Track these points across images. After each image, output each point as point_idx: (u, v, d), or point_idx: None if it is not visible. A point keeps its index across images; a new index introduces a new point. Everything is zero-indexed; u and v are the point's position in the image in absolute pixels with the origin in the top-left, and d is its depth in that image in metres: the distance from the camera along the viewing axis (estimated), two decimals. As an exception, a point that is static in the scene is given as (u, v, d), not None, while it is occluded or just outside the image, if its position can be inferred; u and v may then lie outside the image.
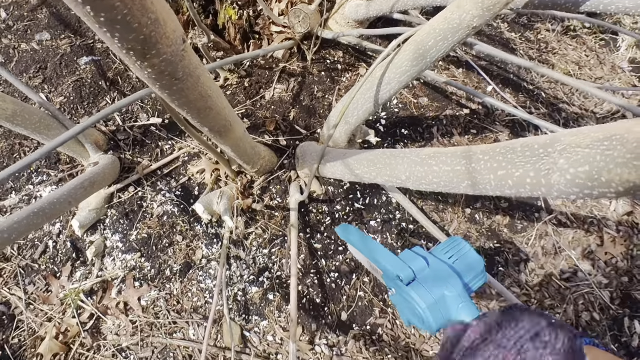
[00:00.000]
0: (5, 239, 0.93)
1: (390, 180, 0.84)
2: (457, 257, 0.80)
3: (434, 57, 0.87)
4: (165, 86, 0.58)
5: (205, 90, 0.68)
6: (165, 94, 0.61)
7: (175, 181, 1.41)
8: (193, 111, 0.72)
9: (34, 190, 1.44)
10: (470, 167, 0.61)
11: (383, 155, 0.88)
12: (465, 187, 0.63)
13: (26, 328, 1.27)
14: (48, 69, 1.62)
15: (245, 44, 1.61)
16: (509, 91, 1.64)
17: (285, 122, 1.47)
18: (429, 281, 0.73)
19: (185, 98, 0.65)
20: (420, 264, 0.76)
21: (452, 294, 0.71)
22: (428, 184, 0.72)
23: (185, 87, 0.61)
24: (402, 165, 0.79)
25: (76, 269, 1.33)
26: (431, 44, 0.83)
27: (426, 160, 0.72)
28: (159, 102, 1.54)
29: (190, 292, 1.28)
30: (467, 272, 0.77)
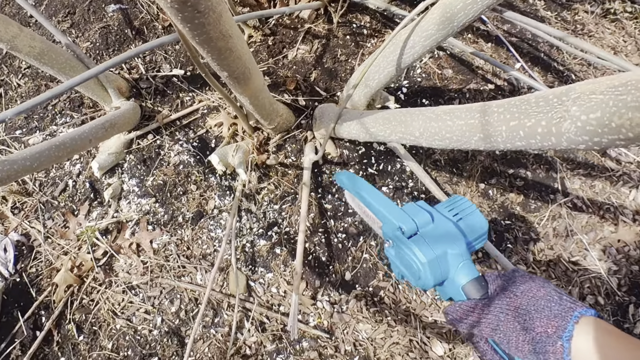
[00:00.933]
0: (28, 167, 0.98)
1: (403, 137, 0.85)
2: (462, 216, 0.79)
3: (461, 22, 0.85)
4: (187, 18, 0.58)
5: (227, 29, 0.68)
6: (187, 27, 0.61)
7: (193, 132, 1.45)
8: (213, 51, 0.72)
9: (57, 130, 1.49)
10: (483, 119, 0.61)
11: (398, 112, 0.89)
12: (477, 141, 0.64)
13: (43, 259, 1.34)
14: (76, 14, 1.65)
15: (272, 1, 1.61)
16: (537, 70, 1.61)
17: (306, 82, 1.48)
18: (432, 237, 0.72)
19: (206, 35, 0.65)
20: (424, 217, 0.74)
21: (454, 252, 0.70)
22: (440, 140, 0.73)
23: (207, 22, 0.61)
24: (416, 121, 0.79)
25: (93, 209, 1.39)
26: (459, 7, 0.81)
27: (440, 116, 0.73)
28: (182, 53, 1.56)
29: (200, 240, 1.33)
30: (470, 232, 0.76)
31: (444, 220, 0.75)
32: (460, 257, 0.70)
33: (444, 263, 0.69)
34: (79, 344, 1.27)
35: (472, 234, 0.76)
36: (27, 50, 1.14)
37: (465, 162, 1.43)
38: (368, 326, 1.27)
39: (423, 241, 0.70)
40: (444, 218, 0.76)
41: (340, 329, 1.27)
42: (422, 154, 1.42)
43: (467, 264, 0.69)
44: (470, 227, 0.76)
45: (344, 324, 1.27)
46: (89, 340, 1.27)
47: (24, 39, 1.12)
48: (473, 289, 0.66)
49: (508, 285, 0.63)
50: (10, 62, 1.63)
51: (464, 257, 0.70)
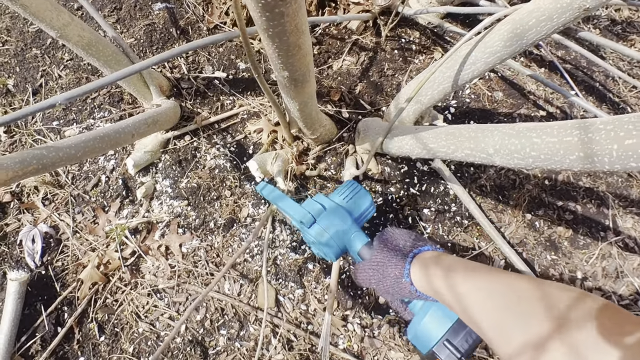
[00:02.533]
0: (72, 155, 1.00)
1: (472, 154, 0.83)
2: (350, 197, 1.00)
3: (532, 39, 0.83)
4: (269, 6, 0.56)
5: (302, 23, 0.67)
6: (265, 17, 0.60)
7: (231, 137, 1.45)
8: (283, 46, 0.70)
9: (94, 124, 1.51)
10: (585, 137, 0.58)
11: (467, 128, 0.87)
12: (574, 160, 0.61)
13: (70, 254, 1.34)
14: (122, 10, 1.69)
15: (320, 10, 1.62)
16: (591, 100, 1.57)
17: (350, 94, 1.47)
18: (325, 222, 0.91)
19: (282, 26, 0.63)
20: (317, 208, 0.94)
21: (343, 228, 0.89)
22: (522, 158, 0.70)
23: (287, 12, 0.60)
24: (490, 137, 0.77)
25: (124, 206, 1.39)
26: (532, 23, 0.80)
27: (523, 132, 0.70)
28: (225, 56, 1.58)
29: (230, 248, 1.32)
30: (357, 208, 0.98)
31: (334, 206, 0.95)
32: (350, 230, 0.90)
33: (338, 238, 0.89)
34: (100, 344, 1.25)
35: (358, 209, 0.98)
36: (76, 40, 1.16)
37: (513, 190, 1.40)
38: (400, 355, 1.23)
39: (319, 227, 0.90)
40: (333, 204, 0.96)
41: (370, 354, 1.23)
42: (467, 178, 1.39)
43: (357, 235, 0.89)
44: (357, 205, 0.98)
45: (375, 349, 1.23)
46: (110, 341, 1.26)
47: (74, 28, 1.14)
48: (365, 253, 0.84)
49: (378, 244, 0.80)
50: (53, 53, 1.67)
51: (352, 230, 0.90)
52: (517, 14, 0.83)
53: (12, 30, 1.74)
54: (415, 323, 0.73)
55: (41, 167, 0.95)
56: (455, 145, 0.88)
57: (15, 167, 0.91)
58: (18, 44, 1.70)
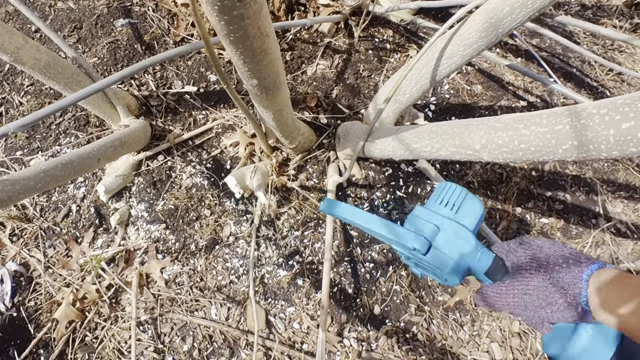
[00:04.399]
0: (31, 187, 0.93)
1: (458, 151, 0.80)
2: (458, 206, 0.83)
3: (508, 27, 0.81)
4: (226, 8, 0.51)
5: (265, 26, 0.62)
6: (224, 21, 0.55)
7: (207, 153, 1.40)
8: (247, 52, 0.66)
9: (60, 150, 1.45)
10: (577, 123, 0.55)
11: (449, 125, 0.84)
12: (568, 150, 0.58)
13: (43, 292, 1.28)
14: (83, 29, 1.64)
15: (290, 15, 1.59)
16: (570, 86, 1.58)
17: (327, 99, 1.45)
18: (445, 245, 0.78)
19: (243, 30, 0.58)
20: (430, 229, 0.80)
21: (468, 249, 0.77)
22: (511, 152, 0.68)
23: (247, 14, 0.55)
24: (476, 132, 0.74)
25: (98, 236, 1.33)
26: (506, 11, 0.77)
27: (510, 125, 0.67)
28: (194, 69, 1.54)
29: (214, 270, 1.27)
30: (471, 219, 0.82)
31: (448, 223, 0.80)
32: (475, 251, 0.76)
33: (463, 262, 0.76)
34: (81, 387, 1.19)
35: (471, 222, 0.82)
36: (32, 63, 1.10)
37: (500, 184, 1.39)
38: (400, 366, 1.19)
39: (439, 253, 0.77)
40: (446, 220, 0.81)
41: (369, 369, 1.19)
42: (453, 175, 1.38)
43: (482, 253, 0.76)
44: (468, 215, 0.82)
45: (374, 364, 1.20)
46: (92, 383, 1.20)
47: (29, 51, 1.08)
48: (495, 272, 0.74)
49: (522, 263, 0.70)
50: (12, 79, 1.60)
51: (478, 249, 0.77)
52: (490, 3, 0.81)
53: (-34, 59, 1.67)
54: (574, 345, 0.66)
55: None
56: (439, 143, 0.86)
57: None
58: (-27, 72, 1.63)
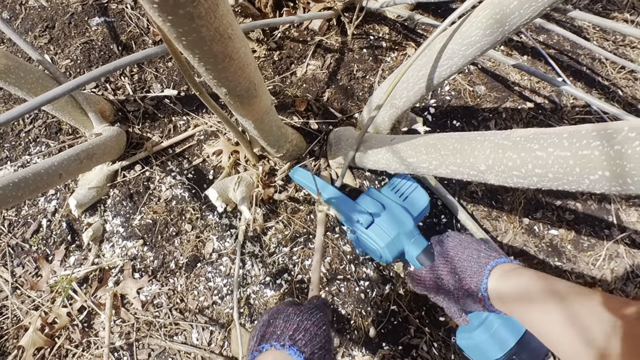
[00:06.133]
0: None
1: (459, 170, 0.73)
2: (407, 195, 1.01)
3: (515, 24, 0.72)
4: (167, 5, 0.42)
5: (225, 27, 0.52)
6: (169, 21, 0.45)
7: (188, 162, 1.34)
8: (206, 57, 0.57)
9: (30, 160, 1.39)
10: (610, 150, 0.46)
11: (449, 138, 0.77)
12: (597, 181, 0.48)
13: (10, 315, 1.21)
14: (55, 28, 1.57)
15: (278, 11, 1.53)
16: (580, 85, 1.51)
17: (318, 102, 1.38)
18: (385, 222, 0.92)
19: (196, 33, 0.49)
20: (376, 207, 0.95)
21: (405, 231, 0.91)
22: (523, 176, 0.59)
23: (196, 14, 0.45)
24: (480, 150, 0.67)
25: (70, 253, 1.26)
26: (514, 5, 0.69)
27: (521, 144, 0.59)
28: (175, 71, 1.47)
29: (196, 290, 1.20)
30: (415, 208, 0.99)
31: (393, 205, 0.96)
32: (411, 234, 0.91)
33: (399, 241, 0.90)
34: (50, 421, 1.12)
35: (416, 209, 0.99)
36: None
37: (506, 193, 1.32)
38: (399, 394, 1.13)
39: (379, 229, 0.91)
40: (393, 203, 0.97)
41: (365, 398, 1.13)
42: (455, 185, 1.31)
43: (417, 239, 0.91)
44: (414, 204, 1.00)
45: (370, 392, 1.13)
46: (62, 417, 1.13)
47: None
48: (424, 258, 0.86)
49: (443, 251, 0.81)
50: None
51: (414, 233, 0.92)
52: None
53: None
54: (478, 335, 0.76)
55: None
56: (438, 160, 0.79)
57: None
58: (-62, 75, 1.56)
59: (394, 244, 0.90)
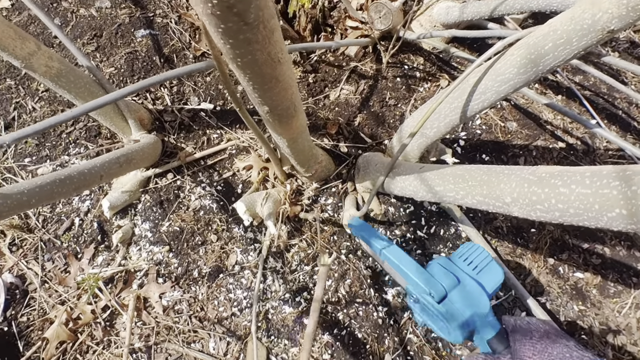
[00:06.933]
0: (24, 202, 0.96)
1: (485, 201, 0.83)
2: (480, 268, 0.98)
3: (549, 65, 0.81)
4: (231, 31, 0.52)
5: (276, 52, 0.63)
6: (229, 45, 0.56)
7: (218, 174, 1.47)
8: (256, 78, 0.68)
9: (69, 160, 1.54)
10: (628, 190, 0.55)
11: (478, 170, 0.88)
12: (614, 218, 0.58)
13: (37, 307, 1.34)
14: (103, 37, 1.76)
15: (315, 36, 1.68)
16: (614, 129, 1.60)
17: (349, 127, 1.51)
18: (460, 299, 0.89)
19: (251, 55, 0.59)
20: (450, 280, 0.92)
21: (482, 312, 0.88)
22: (546, 210, 0.69)
23: (254, 39, 0.55)
24: (507, 183, 0.77)
25: (99, 253, 1.40)
26: (548, 47, 0.78)
27: (546, 179, 0.68)
28: (212, 86, 1.63)
29: (216, 300, 1.31)
30: (490, 285, 0.95)
31: (468, 280, 0.94)
32: (486, 315, 0.88)
33: (472, 321, 0.88)
34: (65, 415, 1.23)
35: (490, 286, 0.95)
36: (43, 70, 1.17)
37: (532, 231, 1.40)
38: None
39: (453, 306, 0.88)
40: (467, 277, 0.95)
41: None
42: (480, 218, 1.40)
43: (492, 321, 0.88)
44: (488, 280, 0.96)
45: (380, 419, 1.20)
46: (77, 412, 1.24)
47: (40, 58, 1.15)
48: (497, 343, 0.84)
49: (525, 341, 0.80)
50: (28, 84, 1.72)
51: (489, 315, 0.88)
52: (531, 37, 0.81)
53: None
54: None
55: None
56: (465, 190, 0.89)
57: None
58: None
59: (467, 324, 0.87)
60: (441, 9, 1.55)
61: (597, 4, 0.69)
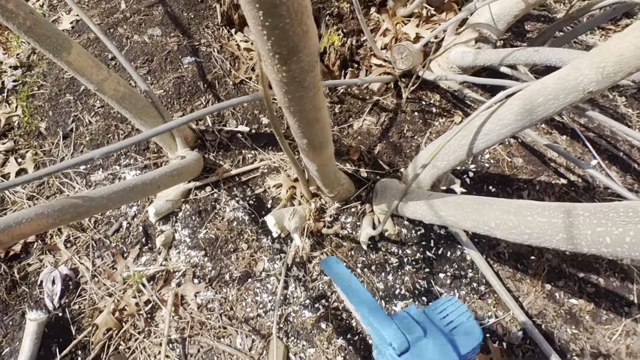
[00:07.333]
0: (103, 204, 1.23)
1: (476, 225, 1.05)
2: (456, 324, 0.91)
3: (541, 116, 1.04)
4: (291, 91, 0.76)
5: (320, 102, 0.88)
6: (287, 98, 0.80)
7: (251, 190, 1.71)
8: (303, 120, 0.94)
9: (119, 170, 1.81)
10: (567, 220, 0.79)
11: (472, 200, 1.10)
12: (559, 241, 0.81)
13: (87, 297, 1.58)
14: (154, 62, 2.05)
15: (343, 70, 1.94)
16: (615, 169, 1.79)
17: (370, 154, 1.74)
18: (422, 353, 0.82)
19: (302, 106, 0.84)
20: (416, 333, 0.86)
21: None
22: (518, 234, 0.92)
23: (306, 96, 0.79)
24: (492, 212, 0.99)
25: (143, 253, 1.64)
26: (540, 101, 1.00)
27: (520, 210, 0.92)
28: (249, 111, 1.89)
29: (244, 302, 1.54)
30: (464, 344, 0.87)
31: (437, 334, 0.87)
32: None
33: None
34: (109, 393, 1.46)
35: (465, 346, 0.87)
36: (112, 94, 1.45)
37: (531, 258, 1.59)
38: None
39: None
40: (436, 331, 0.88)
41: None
42: (484, 244, 1.60)
43: None
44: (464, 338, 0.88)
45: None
46: (119, 391, 1.46)
47: (111, 83, 1.44)
48: None
49: None
50: (85, 100, 2.01)
51: None
52: (527, 90, 1.03)
53: (48, 76, 2.11)
54: None
55: (76, 215, 1.20)
56: (462, 215, 1.11)
57: (55, 215, 1.16)
58: (53, 89, 2.06)
59: None
60: (457, 53, 1.79)
61: (579, 69, 0.89)
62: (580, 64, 0.88)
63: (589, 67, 0.86)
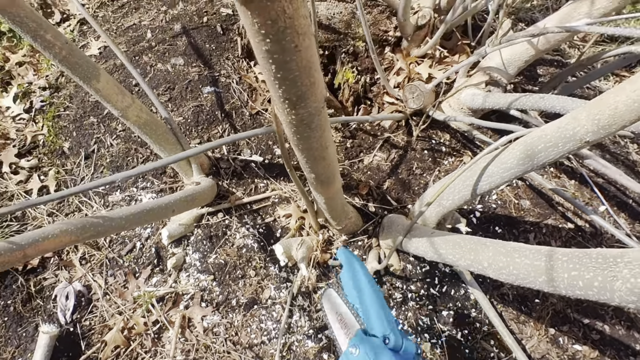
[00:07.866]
0: (121, 225, 1.37)
1: (471, 264, 1.16)
2: None
3: (541, 162, 1.14)
4: (299, 132, 0.89)
5: (326, 142, 0.99)
6: (296, 137, 0.92)
7: (261, 218, 1.84)
8: (310, 157, 1.08)
9: (136, 193, 1.96)
10: (549, 263, 0.90)
11: (470, 240, 1.21)
12: (542, 282, 0.92)
13: (98, 314, 1.71)
14: (175, 90, 2.23)
15: (356, 106, 2.09)
16: (623, 216, 1.88)
17: (378, 189, 1.86)
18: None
19: (309, 144, 0.97)
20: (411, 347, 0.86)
21: None
22: (507, 275, 1.03)
23: (313, 136, 0.92)
24: (486, 252, 1.11)
25: (154, 274, 1.77)
26: (540, 147, 1.09)
27: (510, 252, 1.03)
28: (263, 141, 2.04)
29: (249, 328, 1.64)
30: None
31: None
32: None
33: None
34: (112, 410, 1.56)
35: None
36: (134, 120, 1.61)
37: (536, 301, 1.67)
38: None
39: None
40: None
41: None
42: (489, 284, 1.69)
43: None
44: None
45: None
46: (122, 409, 1.56)
47: (134, 110, 1.60)
48: None
49: None
50: (108, 123, 2.19)
51: None
52: (529, 137, 1.13)
53: (74, 98, 2.31)
54: None
55: (96, 233, 1.34)
56: (459, 254, 1.22)
57: (77, 232, 1.30)
58: (78, 111, 2.25)
59: None
60: (467, 95, 1.93)
61: (577, 119, 0.98)
62: (579, 115, 0.96)
63: (586, 118, 0.94)
